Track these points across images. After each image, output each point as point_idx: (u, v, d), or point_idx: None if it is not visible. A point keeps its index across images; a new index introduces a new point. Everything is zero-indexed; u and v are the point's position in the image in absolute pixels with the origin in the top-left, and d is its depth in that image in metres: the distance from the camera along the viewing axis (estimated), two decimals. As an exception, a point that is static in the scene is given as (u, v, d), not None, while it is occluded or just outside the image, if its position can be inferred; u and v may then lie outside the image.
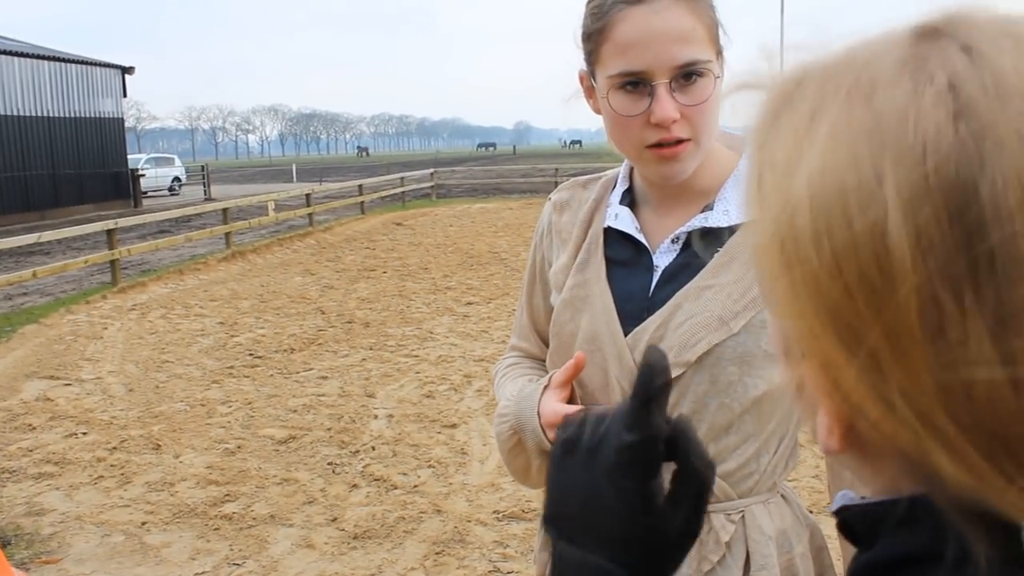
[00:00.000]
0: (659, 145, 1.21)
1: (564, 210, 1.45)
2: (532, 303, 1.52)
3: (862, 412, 0.43)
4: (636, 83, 1.19)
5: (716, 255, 1.25)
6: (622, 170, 1.40)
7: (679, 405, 1.24)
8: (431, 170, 31.72)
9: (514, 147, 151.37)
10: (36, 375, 7.74)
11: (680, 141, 1.21)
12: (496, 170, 38.10)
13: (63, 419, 6.46)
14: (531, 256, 1.51)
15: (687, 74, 1.18)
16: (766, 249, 0.45)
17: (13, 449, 5.82)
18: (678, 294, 1.25)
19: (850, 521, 0.52)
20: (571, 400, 1.32)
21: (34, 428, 6.25)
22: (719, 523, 1.26)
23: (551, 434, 1.30)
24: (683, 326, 1.23)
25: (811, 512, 1.38)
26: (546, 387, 1.33)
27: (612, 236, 1.35)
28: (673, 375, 1.21)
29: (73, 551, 4.40)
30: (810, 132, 0.43)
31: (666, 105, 1.18)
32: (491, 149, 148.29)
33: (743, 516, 1.26)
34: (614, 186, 1.41)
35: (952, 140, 0.39)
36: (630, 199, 1.36)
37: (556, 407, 1.28)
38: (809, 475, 4.88)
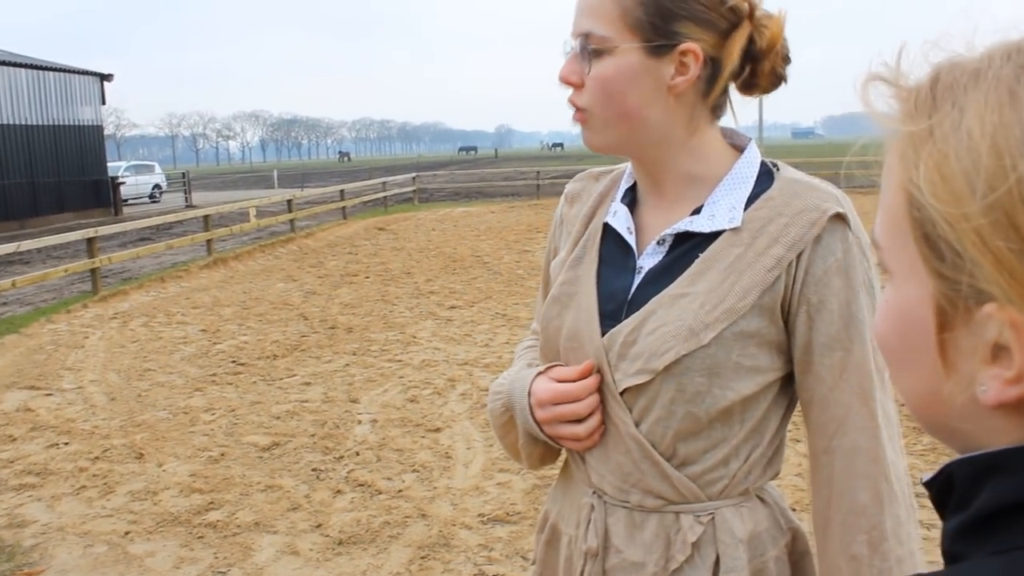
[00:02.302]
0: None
1: (574, 202, 1.46)
2: (549, 292, 1.55)
3: None
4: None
5: (695, 262, 1.24)
6: (630, 165, 1.40)
7: (647, 411, 1.24)
8: (413, 174, 31.70)
9: (496, 150, 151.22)
10: (16, 385, 7.69)
11: (581, 109, 1.26)
12: (478, 173, 38.12)
13: (44, 429, 6.41)
14: (548, 246, 1.53)
15: (589, 46, 1.22)
16: (968, 206, 0.48)
17: (-6, 460, 5.78)
18: (653, 300, 1.25)
19: (952, 477, 0.55)
20: None
21: (15, 439, 6.21)
22: (687, 524, 1.25)
23: (538, 413, 1.33)
24: (654, 333, 1.22)
25: (794, 510, 1.37)
26: (540, 373, 1.36)
27: (610, 233, 1.36)
28: (641, 381, 1.23)
29: (56, 562, 4.37)
30: (1016, 94, 0.48)
31: (564, 66, 1.25)
32: (472, 153, 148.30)
33: (713, 518, 1.25)
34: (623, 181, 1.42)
35: None
36: (632, 196, 1.36)
37: (550, 385, 1.32)
38: (792, 473, 4.91)
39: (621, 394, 1.26)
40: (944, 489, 0.56)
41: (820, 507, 1.24)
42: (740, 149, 1.31)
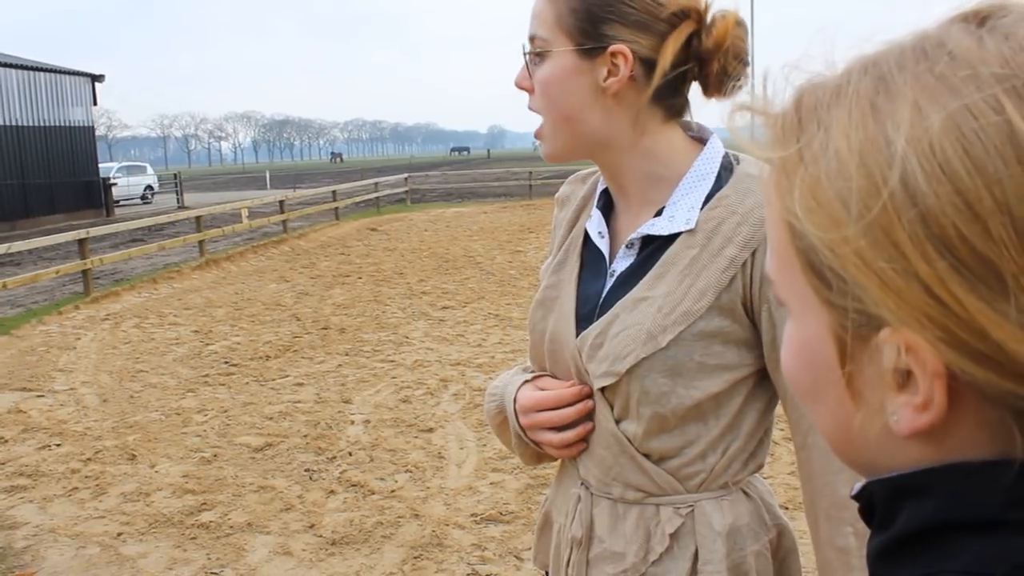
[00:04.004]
0: None
1: (564, 205, 1.48)
2: None
3: (985, 341, 0.44)
4: None
5: (655, 266, 1.26)
6: None
7: (624, 409, 1.27)
8: (405, 175, 31.67)
9: (488, 151, 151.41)
10: (8, 387, 7.66)
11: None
12: (470, 174, 38.12)
13: (36, 431, 6.40)
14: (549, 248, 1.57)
15: (534, 49, 1.26)
16: (845, 228, 0.46)
17: (-15, 462, 5.76)
18: (617, 304, 1.27)
19: (872, 497, 0.53)
20: None
21: (6, 441, 6.19)
22: (666, 516, 1.28)
23: (522, 420, 1.38)
24: (618, 337, 1.25)
25: (786, 508, 1.38)
26: (528, 381, 1.41)
27: (590, 237, 1.38)
28: (608, 383, 1.25)
29: (47, 564, 4.36)
30: (883, 101, 0.47)
31: (519, 72, 1.29)
32: (465, 153, 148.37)
33: (692, 510, 1.27)
34: None
35: None
36: (605, 199, 1.38)
37: (533, 392, 1.37)
38: (785, 472, 4.92)
39: (601, 391, 1.28)
40: (868, 506, 0.55)
41: (807, 501, 1.26)
42: (704, 143, 1.31)
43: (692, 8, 1.21)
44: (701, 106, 1.30)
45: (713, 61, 1.22)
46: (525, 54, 1.28)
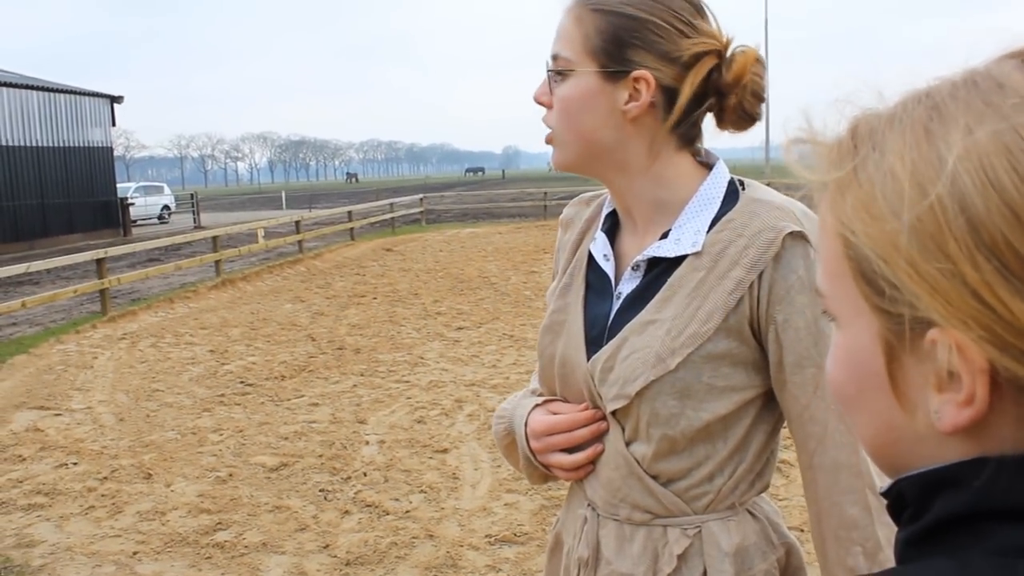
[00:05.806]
0: None
1: (568, 228, 1.50)
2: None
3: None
4: None
5: (662, 288, 1.27)
6: None
7: (626, 433, 1.29)
8: (420, 195, 31.80)
9: (503, 171, 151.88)
10: (26, 405, 7.71)
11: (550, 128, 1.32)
12: (485, 194, 38.24)
13: (53, 449, 6.43)
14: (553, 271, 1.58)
15: (556, 68, 1.28)
16: (897, 238, 0.50)
17: (3, 480, 5.80)
18: (626, 327, 1.28)
19: (902, 493, 0.56)
20: None
21: (24, 459, 6.23)
22: (674, 537, 1.28)
23: (533, 444, 1.40)
24: (627, 360, 1.26)
25: (801, 531, 1.38)
26: (538, 405, 1.42)
27: (594, 259, 1.39)
28: (620, 406, 1.27)
29: (64, 582, 4.37)
30: (936, 126, 0.51)
31: (539, 86, 1.31)
32: (480, 174, 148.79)
33: (700, 531, 1.28)
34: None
35: None
36: (611, 222, 1.40)
37: (545, 417, 1.38)
38: (800, 494, 4.89)
39: (613, 414, 1.29)
40: (897, 503, 0.58)
41: (814, 522, 1.27)
42: (710, 168, 1.33)
43: (717, 47, 1.23)
44: (713, 135, 1.31)
45: (731, 95, 1.24)
46: (548, 71, 1.29)
